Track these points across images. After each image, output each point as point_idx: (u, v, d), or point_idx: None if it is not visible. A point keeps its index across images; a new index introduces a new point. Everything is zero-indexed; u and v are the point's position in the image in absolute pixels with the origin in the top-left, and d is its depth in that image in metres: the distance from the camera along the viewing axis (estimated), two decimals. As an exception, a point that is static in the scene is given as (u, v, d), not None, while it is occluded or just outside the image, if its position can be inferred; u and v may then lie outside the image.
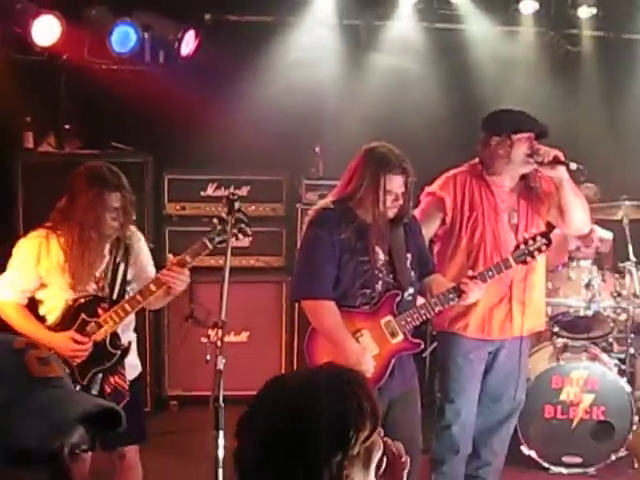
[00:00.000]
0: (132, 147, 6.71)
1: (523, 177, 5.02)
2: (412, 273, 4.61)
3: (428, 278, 4.74)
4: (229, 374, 4.43)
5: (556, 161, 4.74)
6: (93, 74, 6.75)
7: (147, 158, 6.63)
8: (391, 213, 4.45)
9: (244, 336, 6.77)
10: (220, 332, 4.20)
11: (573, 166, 4.80)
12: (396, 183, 4.38)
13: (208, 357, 4.22)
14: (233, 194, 4.34)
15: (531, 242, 4.69)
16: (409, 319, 4.52)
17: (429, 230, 5.08)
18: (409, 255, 4.60)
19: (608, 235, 6.88)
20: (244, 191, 6.86)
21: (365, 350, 4.42)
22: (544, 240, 4.71)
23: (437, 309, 4.58)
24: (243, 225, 4.30)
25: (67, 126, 6.88)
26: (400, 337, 4.51)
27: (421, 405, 4.86)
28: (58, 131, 6.86)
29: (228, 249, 4.23)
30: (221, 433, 4.07)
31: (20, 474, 1.37)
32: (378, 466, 2.03)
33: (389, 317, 4.50)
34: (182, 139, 6.88)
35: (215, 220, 4.34)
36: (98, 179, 4.37)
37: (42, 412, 1.39)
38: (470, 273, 4.67)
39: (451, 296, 4.53)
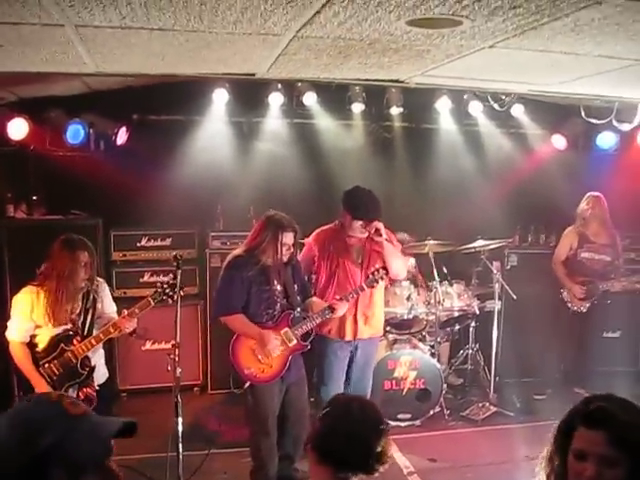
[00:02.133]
0: (86, 212, 6.65)
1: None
2: (298, 298, 5.00)
3: (309, 300, 5.14)
4: (162, 371, 4.64)
5: (377, 233, 5.24)
6: (53, 159, 6.65)
7: (97, 220, 6.56)
8: (285, 258, 4.85)
9: (171, 343, 6.82)
10: (177, 351, 4.44)
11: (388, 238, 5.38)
12: (289, 238, 4.82)
13: (169, 368, 4.43)
14: (179, 255, 4.58)
15: (376, 273, 5.18)
16: (299, 329, 4.92)
17: (309, 267, 5.49)
18: (296, 286, 5.00)
19: (412, 261, 7.00)
20: (167, 241, 6.96)
21: (269, 333, 4.77)
22: (384, 271, 5.21)
23: (318, 321, 5.02)
24: (176, 289, 4.60)
25: (34, 197, 6.76)
26: (294, 341, 4.89)
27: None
28: (28, 201, 6.73)
29: (178, 295, 4.55)
30: (180, 419, 4.33)
31: None
32: None
33: (286, 328, 4.88)
34: (122, 205, 6.82)
35: (159, 285, 4.64)
36: (69, 242, 4.57)
37: (90, 435, 1.55)
38: (337, 297, 5.13)
39: (326, 312, 4.97)
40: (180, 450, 4.30)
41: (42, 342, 4.45)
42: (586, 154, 7.51)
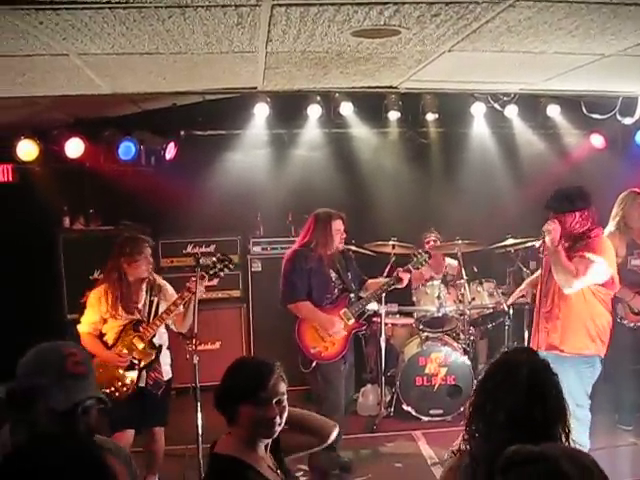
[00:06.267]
0: (136, 223, 7.15)
1: None
2: (352, 284, 5.54)
3: (366, 283, 5.74)
4: (208, 370, 5.12)
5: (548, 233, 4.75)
6: (107, 174, 7.21)
7: (146, 229, 7.17)
8: (340, 246, 5.45)
9: (217, 344, 7.36)
10: (194, 340, 4.96)
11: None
12: (339, 224, 5.38)
13: (188, 356, 4.94)
14: (197, 254, 5.16)
15: (419, 255, 5.75)
16: (356, 309, 5.49)
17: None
18: (349, 274, 5.54)
19: (454, 262, 7.41)
20: (211, 248, 7.48)
21: (334, 319, 5.34)
22: (427, 255, 5.81)
23: (372, 301, 5.78)
24: (227, 263, 5.14)
25: (91, 210, 7.42)
26: (352, 320, 5.47)
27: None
28: (86, 214, 7.41)
29: (196, 291, 4.94)
30: (199, 404, 4.82)
31: None
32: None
33: (344, 309, 5.44)
34: (169, 215, 7.43)
35: (209, 262, 5.14)
36: (130, 239, 5.13)
37: (67, 393, 2.10)
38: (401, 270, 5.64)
39: (392, 280, 5.62)
40: (200, 438, 4.75)
41: (111, 332, 5.04)
42: (625, 152, 7.61)
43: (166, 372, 5.29)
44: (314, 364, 5.35)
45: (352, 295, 5.53)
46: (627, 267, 5.99)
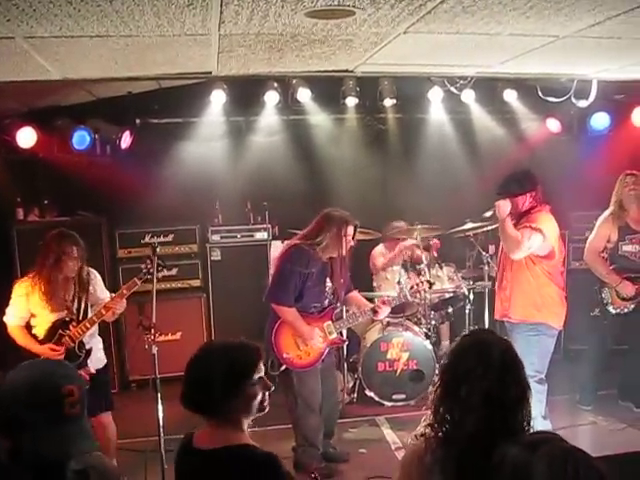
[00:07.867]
0: (92, 213, 7.14)
1: None
2: (342, 293, 5.35)
3: (349, 294, 5.50)
4: (168, 361, 5.09)
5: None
6: (61, 165, 7.04)
7: (102, 220, 7.11)
8: (343, 252, 5.14)
9: (178, 335, 7.26)
10: (153, 330, 4.87)
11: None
12: (352, 230, 5.13)
13: (146, 346, 4.85)
14: (154, 244, 5.04)
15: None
16: (341, 324, 5.35)
17: None
18: (342, 281, 5.29)
19: (412, 241, 7.26)
20: (170, 237, 7.42)
21: (313, 330, 5.13)
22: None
23: (360, 319, 5.50)
24: (160, 268, 5.03)
25: (46, 201, 7.26)
26: (334, 335, 5.29)
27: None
28: (40, 205, 7.24)
29: (154, 281, 4.92)
30: (159, 395, 4.74)
31: None
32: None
33: (329, 322, 5.26)
34: (126, 205, 7.28)
35: (143, 266, 5.00)
36: (59, 236, 4.92)
37: (60, 441, 1.89)
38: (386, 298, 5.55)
39: (369, 313, 5.39)
40: (161, 430, 4.72)
41: (41, 329, 4.88)
42: (581, 136, 7.70)
43: (100, 359, 5.16)
44: (283, 367, 5.16)
45: (340, 307, 5.43)
46: (618, 252, 6.02)
